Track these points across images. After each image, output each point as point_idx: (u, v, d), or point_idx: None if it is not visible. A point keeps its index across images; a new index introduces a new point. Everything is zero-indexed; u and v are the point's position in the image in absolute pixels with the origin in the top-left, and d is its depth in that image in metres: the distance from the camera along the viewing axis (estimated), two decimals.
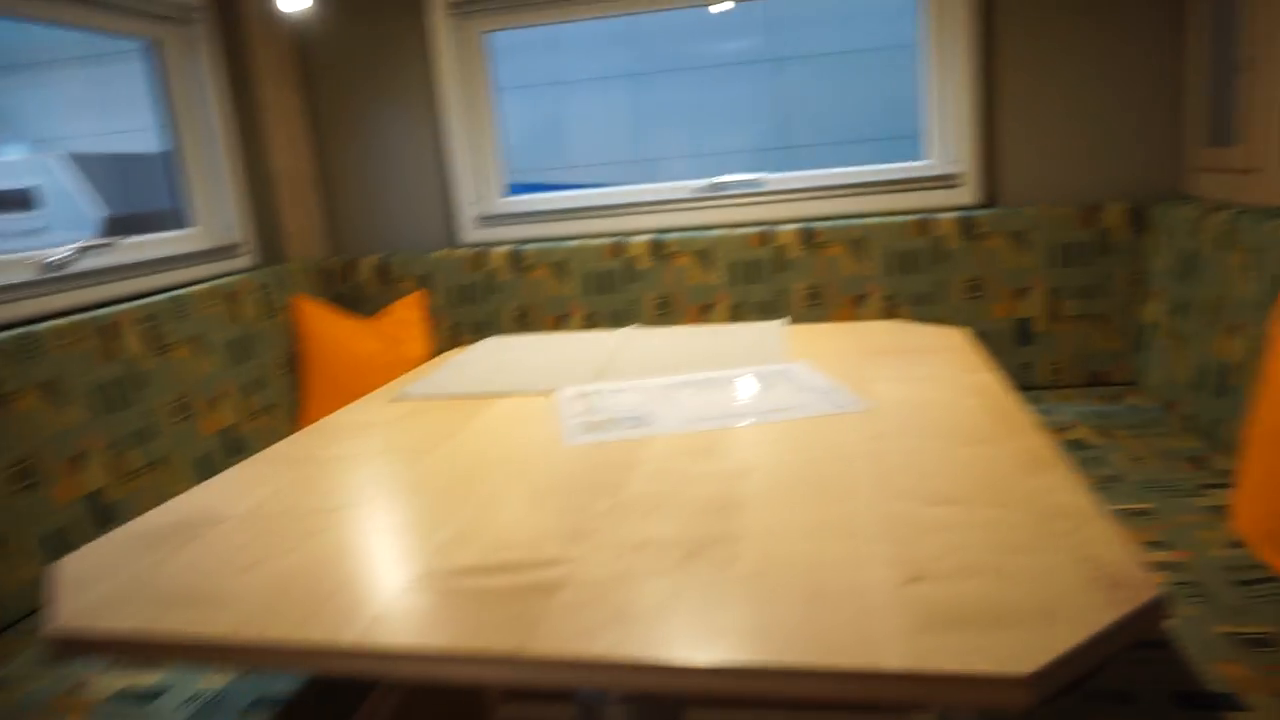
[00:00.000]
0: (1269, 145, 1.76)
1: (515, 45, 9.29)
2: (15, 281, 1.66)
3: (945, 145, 2.21)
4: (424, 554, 0.73)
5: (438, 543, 0.75)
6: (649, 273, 2.28)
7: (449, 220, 2.53)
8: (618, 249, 2.29)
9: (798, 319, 2.21)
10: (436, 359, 1.61)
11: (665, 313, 2.29)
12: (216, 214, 2.31)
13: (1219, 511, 1.43)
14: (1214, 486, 1.52)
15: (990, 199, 2.20)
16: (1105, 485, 1.57)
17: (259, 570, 0.73)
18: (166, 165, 2.28)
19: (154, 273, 2.02)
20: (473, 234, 2.50)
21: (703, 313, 2.27)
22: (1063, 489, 0.75)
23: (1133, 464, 1.65)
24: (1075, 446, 1.77)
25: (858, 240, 2.16)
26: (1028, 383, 2.15)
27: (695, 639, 0.57)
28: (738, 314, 2.25)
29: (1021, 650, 0.52)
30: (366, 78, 2.48)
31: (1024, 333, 2.12)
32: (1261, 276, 1.56)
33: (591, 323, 2.34)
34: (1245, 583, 1.21)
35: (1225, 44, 1.89)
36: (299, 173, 2.49)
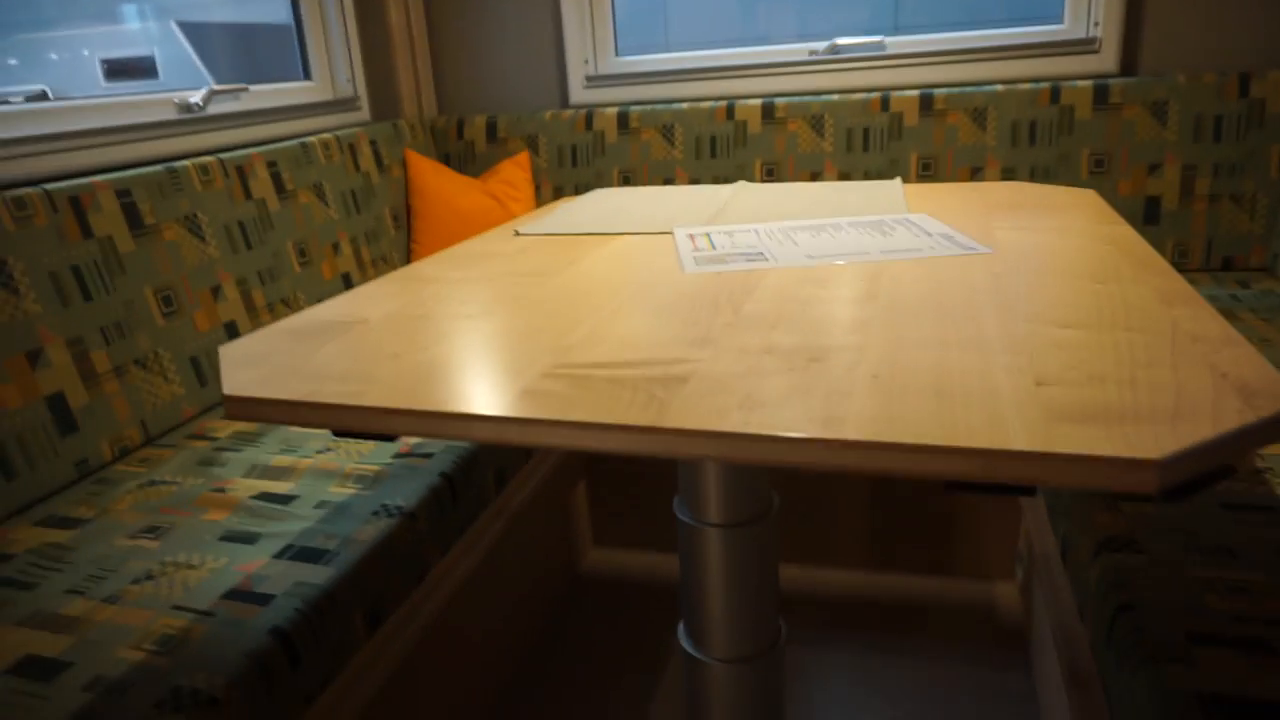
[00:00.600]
0: None
1: None
2: (157, 119, 1.75)
3: (1084, 7, 2.07)
4: (556, 351, 0.77)
5: (568, 343, 0.79)
6: (758, 138, 2.24)
7: (559, 80, 2.51)
8: (727, 113, 2.25)
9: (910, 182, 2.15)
10: (547, 206, 1.64)
11: (773, 179, 2.26)
12: (335, 68, 2.35)
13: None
14: None
15: (1130, 66, 2.06)
16: None
17: (404, 359, 0.79)
18: (284, 36, 2.33)
19: (280, 120, 2.09)
20: (581, 95, 2.49)
21: (811, 180, 2.23)
22: (1202, 318, 0.74)
23: (1261, 345, 1.59)
24: None
25: (980, 109, 2.07)
26: None
27: (824, 422, 0.59)
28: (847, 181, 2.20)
29: (1151, 441, 0.53)
30: None
31: (1152, 212, 2.02)
32: None
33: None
34: None
35: None
36: (412, 30, 2.50)
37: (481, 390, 0.69)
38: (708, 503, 0.96)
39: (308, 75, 2.31)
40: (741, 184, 1.66)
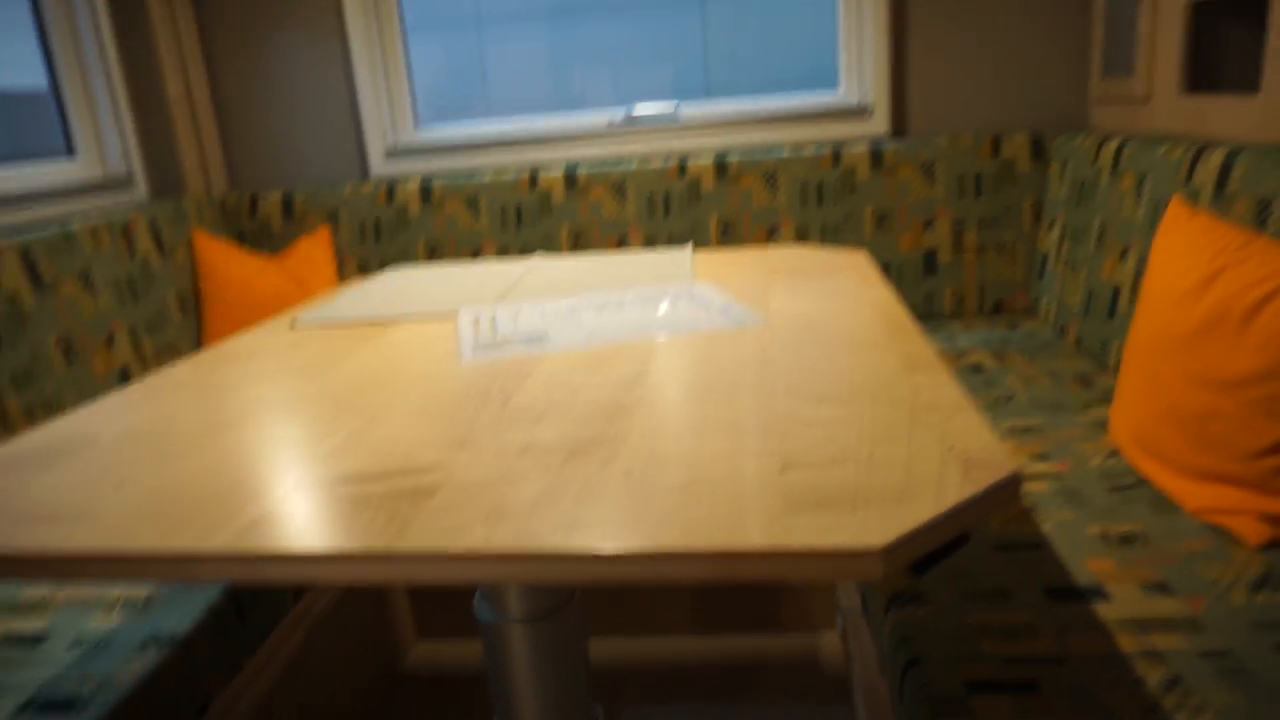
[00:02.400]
0: (1156, 74, 1.82)
1: None
2: None
3: (856, 76, 2.22)
4: (306, 464, 0.72)
5: (321, 453, 0.74)
6: (563, 206, 2.25)
7: (358, 153, 2.44)
8: (531, 182, 2.26)
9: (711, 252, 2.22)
10: (336, 289, 1.57)
11: (579, 246, 2.27)
12: (104, 143, 2.19)
13: (1101, 425, 1.50)
14: (1098, 403, 1.60)
15: (899, 129, 2.23)
16: (998, 405, 1.63)
17: (129, 488, 0.71)
18: (41, 107, 2.14)
19: (37, 205, 1.91)
20: (382, 167, 2.43)
21: (617, 245, 2.26)
22: (937, 386, 0.78)
23: (1025, 385, 1.72)
24: (973, 370, 1.83)
25: (771, 172, 2.17)
26: (932, 312, 2.21)
27: (568, 531, 0.57)
28: (652, 247, 2.24)
29: (878, 526, 0.54)
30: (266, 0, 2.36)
31: (930, 263, 2.18)
32: (1148, 202, 1.62)
33: (507, 257, 2.31)
34: (1118, 488, 1.28)
35: None
36: (194, 100, 2.37)
37: (204, 524, 0.63)
38: (507, 599, 0.92)
39: (72, 151, 2.13)
40: (537, 258, 1.65)
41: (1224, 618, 0.97)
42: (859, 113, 2.22)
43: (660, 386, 0.84)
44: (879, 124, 2.21)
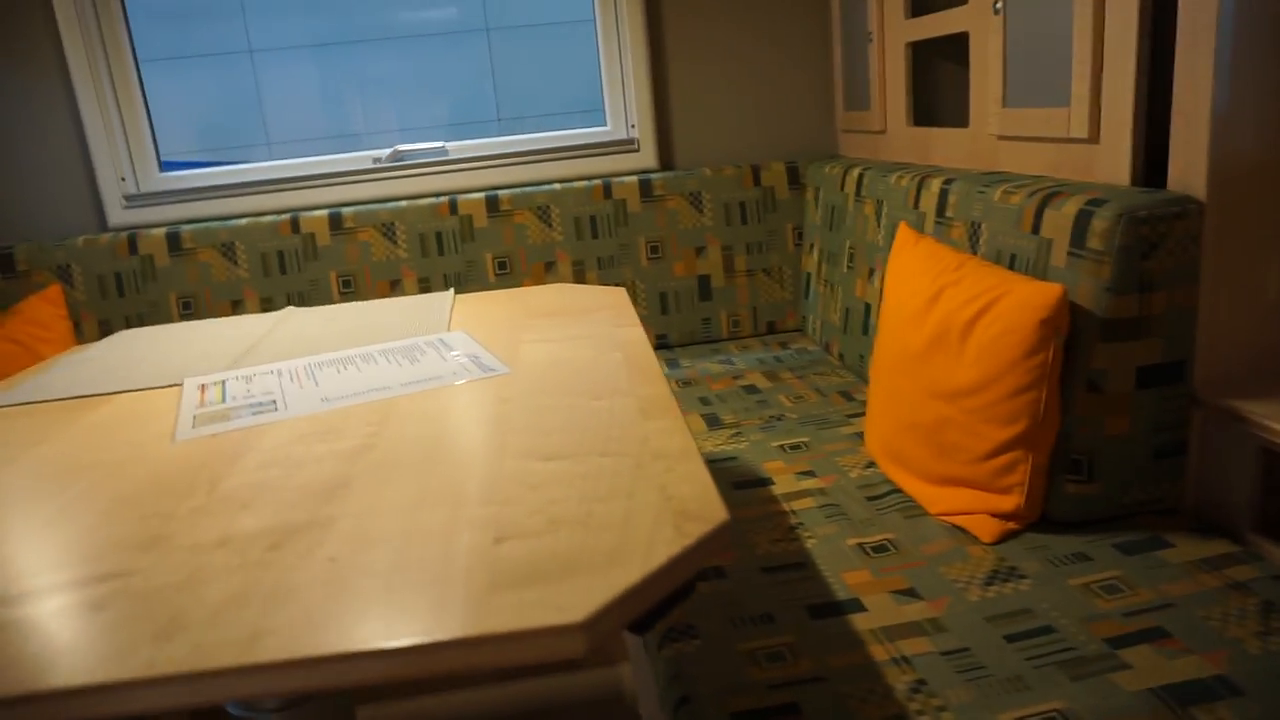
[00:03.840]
0: (888, 109, 1.97)
1: (192, 9, 8.37)
2: None
3: (621, 111, 2.27)
4: None
5: None
6: (329, 250, 2.14)
7: (92, 202, 2.21)
8: (293, 225, 2.13)
9: (487, 289, 2.18)
10: (44, 362, 1.39)
11: (350, 291, 2.16)
12: None
13: (858, 438, 1.59)
14: (857, 416, 1.70)
15: (666, 162, 2.29)
16: (769, 424, 1.69)
17: None
18: None
19: None
20: (122, 216, 2.21)
21: (392, 288, 2.17)
22: (669, 433, 0.78)
23: (795, 402, 1.80)
24: (749, 391, 1.90)
25: (544, 206, 2.16)
26: (710, 336, 2.28)
27: (249, 642, 0.51)
28: (427, 287, 2.18)
29: (582, 597, 0.53)
30: None
31: (705, 289, 2.24)
32: (887, 225, 1.75)
33: (270, 307, 2.17)
34: (873, 498, 1.35)
35: (857, 21, 2.09)
36: None
37: None
38: None
39: None
40: (288, 310, 1.55)
41: (962, 616, 1.04)
42: (627, 147, 2.26)
43: (388, 454, 0.79)
44: (647, 158, 2.26)
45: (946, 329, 1.28)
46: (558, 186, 2.17)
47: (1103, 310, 1.14)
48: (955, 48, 1.86)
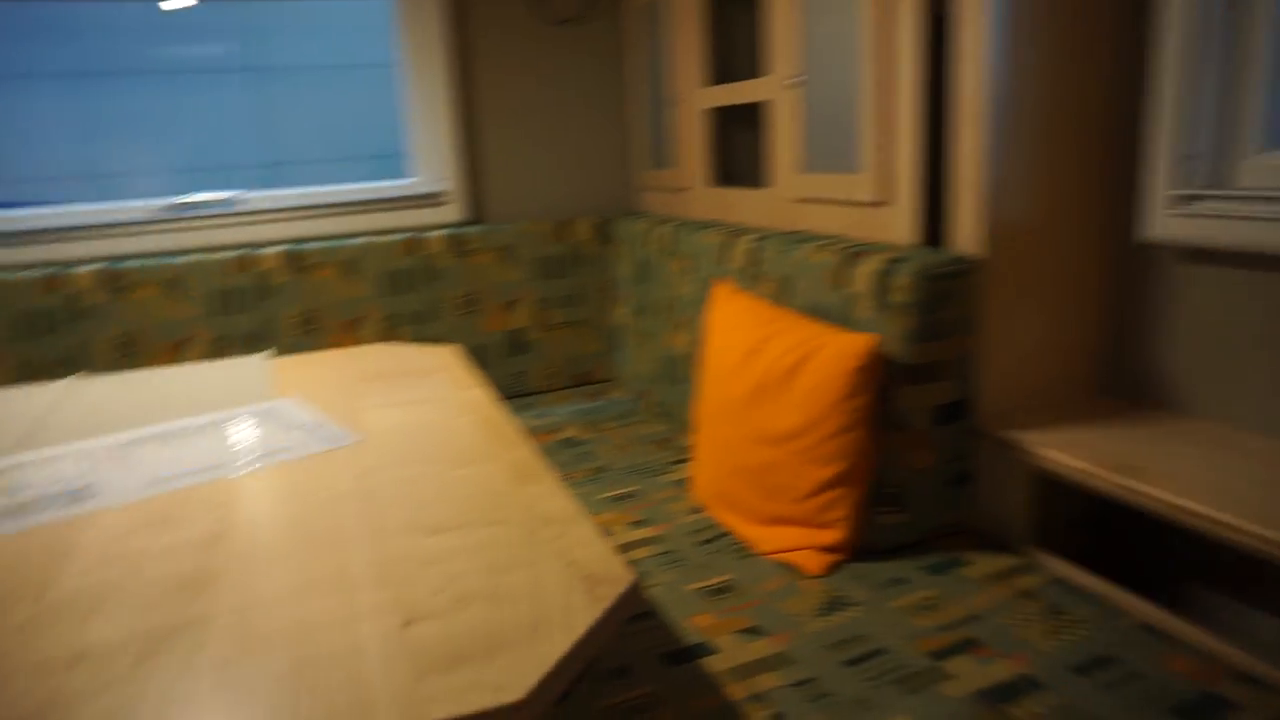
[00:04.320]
0: (690, 170, 2.09)
1: None
2: None
3: (430, 164, 2.24)
4: None
5: None
6: (103, 308, 1.93)
7: None
8: (55, 283, 1.90)
9: (290, 348, 2.06)
10: None
11: (127, 355, 1.96)
12: None
13: (683, 484, 1.66)
14: (679, 462, 1.77)
15: (476, 216, 2.29)
16: (595, 476, 1.72)
17: None
18: None
19: None
20: None
21: (176, 351, 1.99)
22: (550, 496, 0.79)
23: (616, 453, 1.84)
24: (568, 444, 1.92)
25: (350, 261, 2.09)
26: (523, 389, 2.28)
27: None
28: (220, 349, 2.02)
29: (515, 674, 0.52)
30: None
31: (517, 343, 2.25)
32: (697, 279, 1.85)
33: (24, 380, 1.91)
34: (706, 542, 1.42)
35: (657, 85, 2.21)
36: None
37: None
38: None
39: None
40: (74, 380, 1.39)
41: (804, 647, 1.11)
42: (437, 200, 2.24)
43: (249, 540, 0.74)
44: (456, 211, 2.25)
45: (769, 378, 1.37)
46: (365, 240, 2.10)
47: (905, 357, 1.28)
48: (754, 113, 2.02)
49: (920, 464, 1.32)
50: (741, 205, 1.90)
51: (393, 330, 2.14)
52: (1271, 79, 1.14)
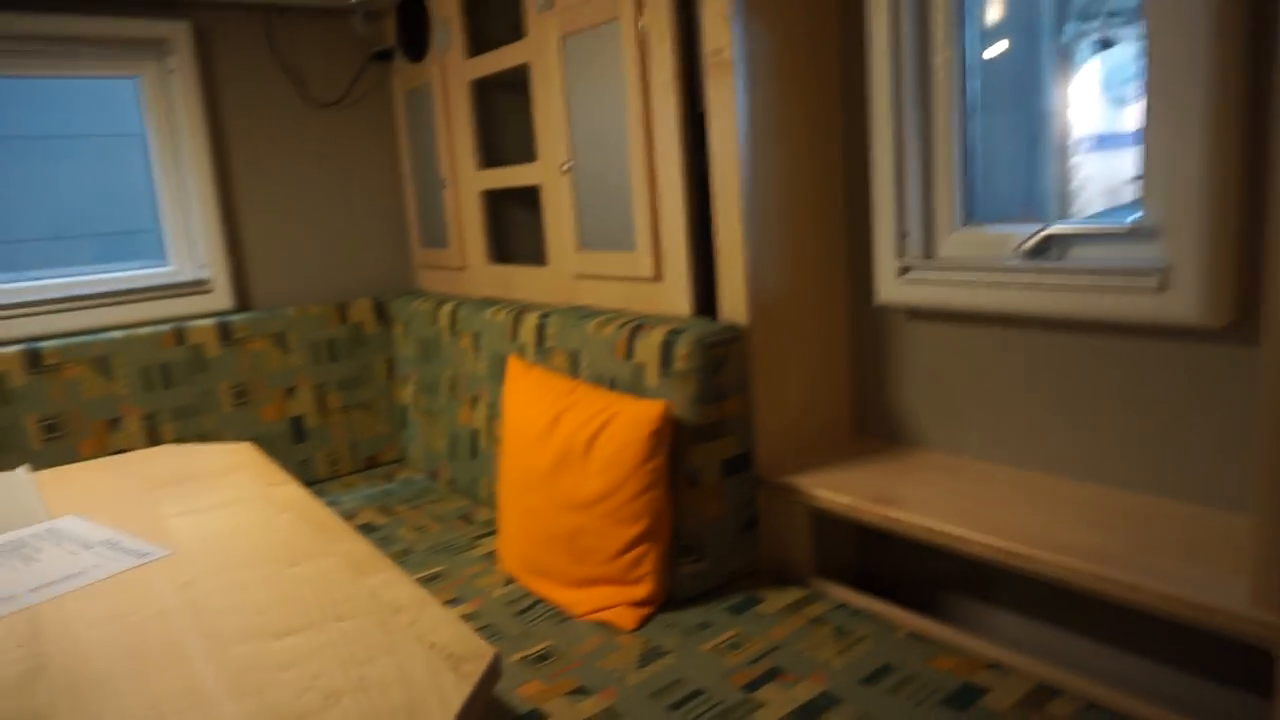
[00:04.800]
0: (468, 248, 2.15)
1: None
2: None
3: (189, 251, 2.13)
4: None
5: None
6: None
7: None
8: None
9: (34, 458, 1.86)
10: None
11: None
12: None
13: (491, 557, 1.68)
14: (483, 536, 1.79)
15: (243, 303, 2.20)
16: (401, 559, 1.70)
17: None
18: None
19: None
20: None
21: None
22: (395, 584, 0.81)
23: (417, 533, 1.83)
24: (367, 529, 1.88)
25: (103, 357, 1.93)
26: (310, 478, 2.20)
27: None
28: None
29: None
30: None
31: (299, 430, 2.17)
32: (486, 355, 1.90)
33: None
34: (522, 612, 1.45)
35: (429, 166, 2.25)
36: None
37: None
38: None
39: None
40: None
41: (630, 699, 1.18)
42: (198, 287, 2.12)
43: (74, 672, 0.70)
44: (221, 299, 2.15)
45: (570, 447, 1.45)
46: (118, 334, 1.95)
47: (692, 418, 1.41)
48: (530, 193, 2.12)
49: (713, 515, 1.45)
50: (522, 282, 1.98)
51: (156, 429, 1.99)
52: (959, 172, 1.41)
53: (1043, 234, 1.29)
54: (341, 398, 2.23)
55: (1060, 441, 1.35)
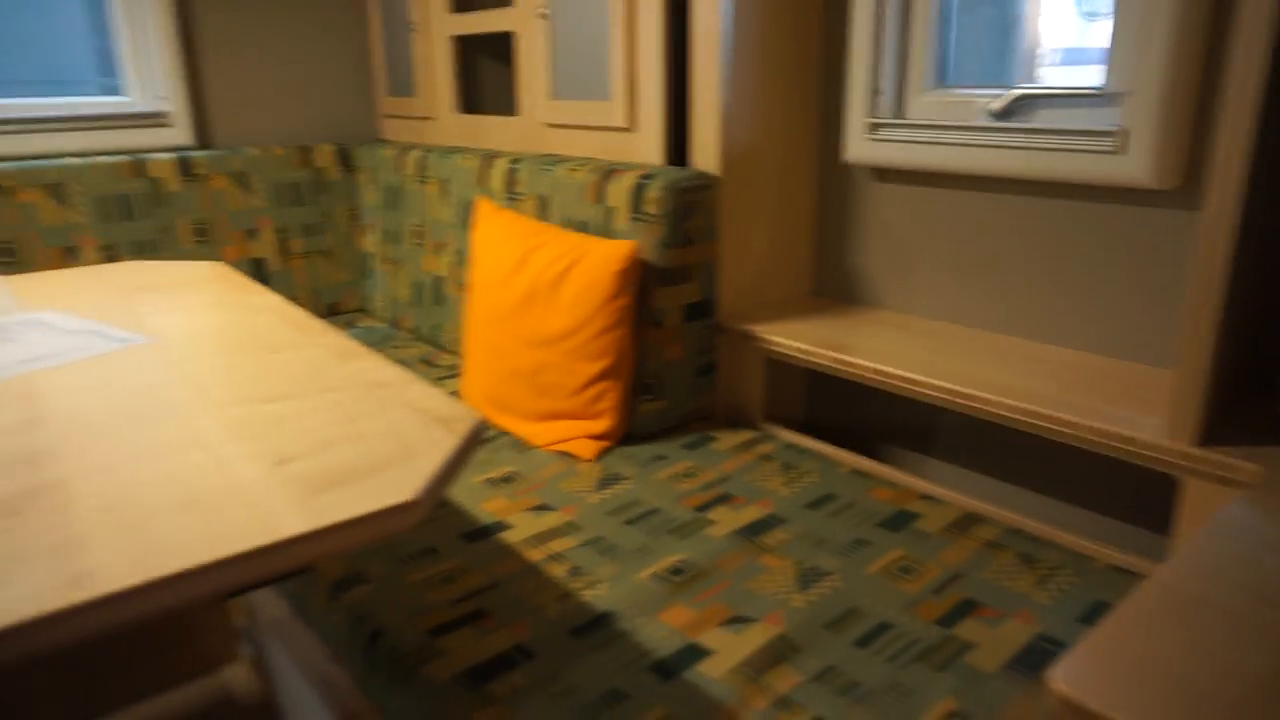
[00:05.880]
0: (437, 97, 2.12)
1: None
2: None
3: (147, 83, 2.06)
4: None
5: None
6: None
7: None
8: None
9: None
10: None
11: None
12: None
13: (455, 397, 1.73)
14: (446, 378, 1.83)
15: (204, 140, 2.15)
16: None
17: None
18: None
19: None
20: None
21: None
22: (379, 369, 0.85)
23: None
24: None
25: (58, 183, 1.88)
26: None
27: (71, 584, 0.50)
28: None
29: (400, 485, 0.60)
30: None
31: (260, 274, 2.16)
32: (454, 202, 1.90)
33: None
34: (485, 441, 1.51)
35: (398, 8, 2.18)
36: None
37: None
38: None
39: None
40: None
41: (589, 515, 1.26)
42: (157, 120, 2.07)
43: (75, 422, 0.73)
44: (182, 134, 2.09)
45: (537, 286, 1.49)
46: (75, 161, 1.90)
47: (659, 262, 1.45)
48: (500, 42, 2.08)
49: (673, 357, 1.51)
50: (492, 132, 1.97)
51: (114, 260, 1.97)
52: (936, 33, 1.42)
53: (1012, 95, 1.33)
54: (304, 243, 2.21)
55: (1008, 302, 1.42)
